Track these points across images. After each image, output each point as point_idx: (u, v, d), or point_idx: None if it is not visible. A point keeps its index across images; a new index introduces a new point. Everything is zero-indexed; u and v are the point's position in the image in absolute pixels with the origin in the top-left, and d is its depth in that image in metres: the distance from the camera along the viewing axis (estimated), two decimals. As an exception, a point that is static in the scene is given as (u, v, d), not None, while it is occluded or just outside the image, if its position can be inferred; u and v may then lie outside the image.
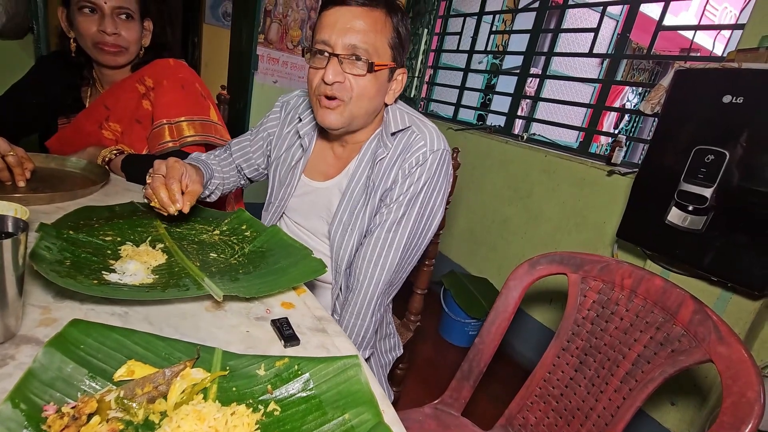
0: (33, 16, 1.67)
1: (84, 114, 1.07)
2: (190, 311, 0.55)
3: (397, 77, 0.81)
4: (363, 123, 0.82)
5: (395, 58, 0.78)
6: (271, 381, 0.44)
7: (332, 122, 0.78)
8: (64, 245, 0.58)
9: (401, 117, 0.82)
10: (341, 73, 0.74)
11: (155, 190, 0.70)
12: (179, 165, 0.73)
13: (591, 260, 0.86)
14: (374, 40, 0.73)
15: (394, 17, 0.76)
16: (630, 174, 1.61)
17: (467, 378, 0.94)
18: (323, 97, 0.76)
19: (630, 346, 0.79)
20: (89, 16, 0.96)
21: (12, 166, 0.79)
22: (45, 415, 0.34)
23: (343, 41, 0.72)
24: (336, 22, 0.72)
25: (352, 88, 0.75)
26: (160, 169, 0.72)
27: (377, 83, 0.76)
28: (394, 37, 0.76)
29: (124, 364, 0.41)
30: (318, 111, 0.79)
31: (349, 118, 0.78)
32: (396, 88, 0.82)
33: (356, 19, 0.72)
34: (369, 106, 0.78)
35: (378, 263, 0.80)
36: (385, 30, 0.74)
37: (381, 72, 0.76)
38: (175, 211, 0.70)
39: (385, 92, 0.80)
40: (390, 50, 0.76)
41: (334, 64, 0.73)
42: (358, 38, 0.72)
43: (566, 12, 2.26)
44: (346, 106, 0.76)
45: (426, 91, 3.05)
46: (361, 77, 0.74)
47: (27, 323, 0.46)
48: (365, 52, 0.73)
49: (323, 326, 0.59)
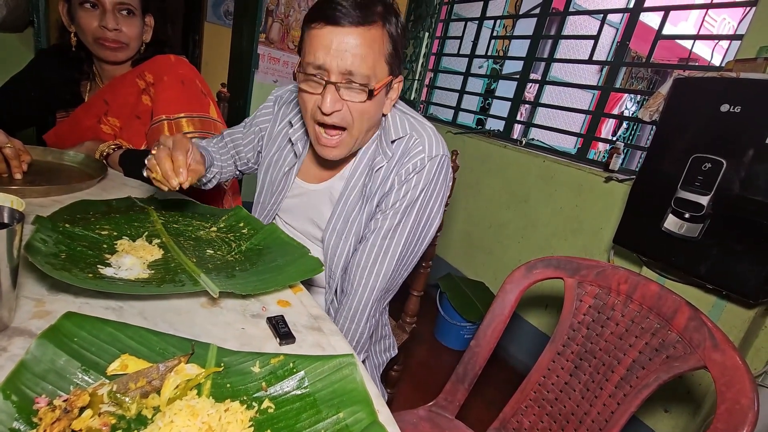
0: (33, 10, 1.66)
1: (83, 108, 1.06)
2: (185, 307, 0.55)
3: (393, 86, 0.77)
4: (363, 141, 0.79)
5: (392, 71, 0.73)
6: (266, 378, 0.44)
7: (335, 156, 0.76)
8: (60, 238, 0.58)
9: (401, 123, 0.79)
10: (339, 100, 0.69)
11: (159, 160, 0.65)
12: (186, 140, 0.69)
13: (587, 265, 0.86)
14: (372, 63, 0.68)
15: (389, 25, 0.69)
16: (627, 181, 1.61)
17: (462, 381, 0.94)
18: (322, 131, 0.73)
19: (625, 351, 0.79)
20: (90, 11, 0.95)
21: (9, 158, 0.79)
22: (36, 407, 0.34)
23: (339, 67, 0.66)
24: (329, 44, 0.66)
25: (351, 114, 0.71)
26: (167, 141, 0.68)
27: (377, 104, 0.73)
28: (391, 51, 0.71)
29: (117, 358, 0.41)
30: (317, 145, 0.76)
31: (350, 145, 0.75)
32: (393, 97, 0.78)
33: (352, 42, 0.66)
34: (369, 125, 0.75)
35: (373, 270, 0.79)
36: (382, 47, 0.69)
37: (380, 93, 0.72)
38: (176, 184, 0.65)
39: (383, 105, 0.76)
40: (387, 66, 0.71)
41: (331, 92, 0.68)
42: (355, 64, 0.66)
43: (567, 19, 2.27)
44: (349, 134, 0.73)
45: (426, 94, 3.05)
46: (360, 104, 0.70)
47: (20, 315, 0.46)
48: (364, 78, 0.68)
49: (319, 325, 0.59)
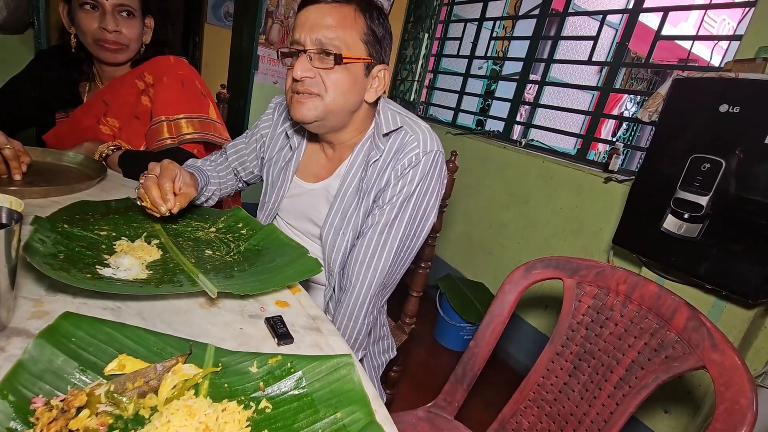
0: (34, 11, 1.67)
1: (82, 109, 1.07)
2: (183, 307, 0.55)
3: (377, 74, 0.79)
4: (342, 119, 0.80)
5: (370, 53, 0.77)
6: (264, 378, 0.44)
7: (304, 115, 0.76)
8: (59, 238, 0.58)
9: (393, 118, 0.81)
10: (310, 68, 0.74)
11: (147, 189, 0.69)
12: (173, 166, 0.73)
13: (586, 265, 0.86)
14: (343, 34, 0.73)
15: (366, 14, 0.75)
16: (627, 181, 1.61)
17: (461, 381, 0.94)
18: (295, 93, 0.76)
19: (624, 351, 0.78)
20: (90, 13, 0.96)
21: (8, 159, 0.79)
22: (33, 407, 0.34)
23: (311, 37, 0.72)
24: (306, 21, 0.73)
25: (324, 83, 0.74)
26: (154, 169, 0.72)
27: (351, 77, 0.75)
28: (368, 33, 0.75)
29: (115, 358, 0.41)
30: (291, 107, 0.78)
31: (323, 111, 0.76)
32: (377, 86, 0.80)
33: (325, 16, 0.72)
34: (345, 101, 0.77)
35: (371, 265, 0.80)
36: (355, 25, 0.74)
37: (354, 66, 0.75)
38: (165, 210, 0.69)
39: (363, 89, 0.79)
40: (363, 45, 0.75)
41: (302, 60, 0.73)
42: (325, 33, 0.72)
43: (566, 19, 2.27)
44: (320, 100, 0.75)
45: (426, 95, 3.06)
46: (330, 70, 0.74)
47: (19, 315, 0.46)
48: (333, 46, 0.73)
49: (317, 325, 0.59)
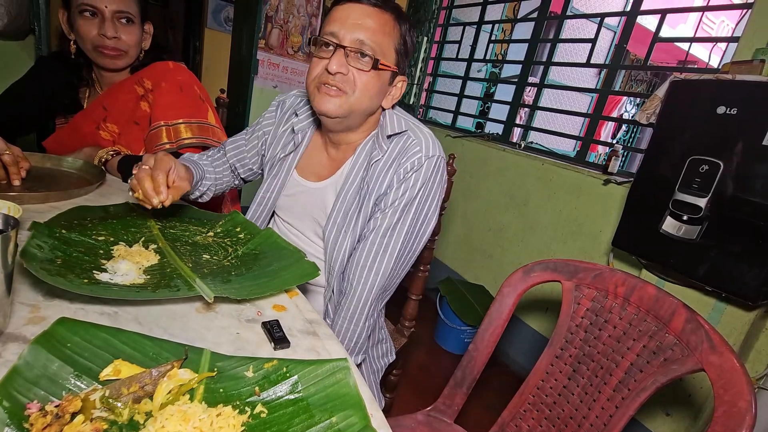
0: (35, 18, 1.68)
1: (82, 114, 1.07)
2: (180, 312, 0.55)
3: (397, 83, 0.82)
4: (359, 121, 0.82)
5: (398, 64, 0.80)
6: (259, 383, 0.44)
7: (330, 109, 0.77)
8: (56, 244, 0.58)
9: (398, 121, 0.83)
10: (345, 65, 0.74)
11: (140, 180, 0.68)
12: (168, 159, 0.72)
13: (585, 268, 0.86)
14: (381, 40, 0.75)
15: (402, 25, 0.78)
16: (626, 183, 1.61)
17: (460, 385, 0.94)
18: (324, 84, 0.76)
19: (623, 354, 0.78)
20: (90, 20, 0.96)
21: (7, 165, 0.79)
22: (28, 413, 0.34)
23: (351, 35, 0.73)
24: (347, 16, 0.74)
25: (355, 82, 0.76)
26: (148, 161, 0.71)
27: (379, 82, 0.78)
28: (401, 44, 0.78)
29: (110, 364, 0.41)
30: (316, 97, 0.78)
31: (348, 110, 0.77)
32: (395, 94, 0.83)
33: (367, 17, 0.74)
34: (369, 104, 0.79)
35: (372, 268, 0.80)
36: (393, 33, 0.76)
37: (384, 73, 0.78)
38: (157, 203, 0.68)
39: (384, 95, 0.81)
40: (395, 54, 0.78)
41: (339, 55, 0.74)
42: (366, 35, 0.73)
43: (564, 22, 2.27)
44: (347, 98, 0.77)
45: (425, 99, 3.06)
46: (364, 72, 0.75)
47: (15, 321, 0.46)
48: (371, 49, 0.74)
49: (314, 329, 0.59)
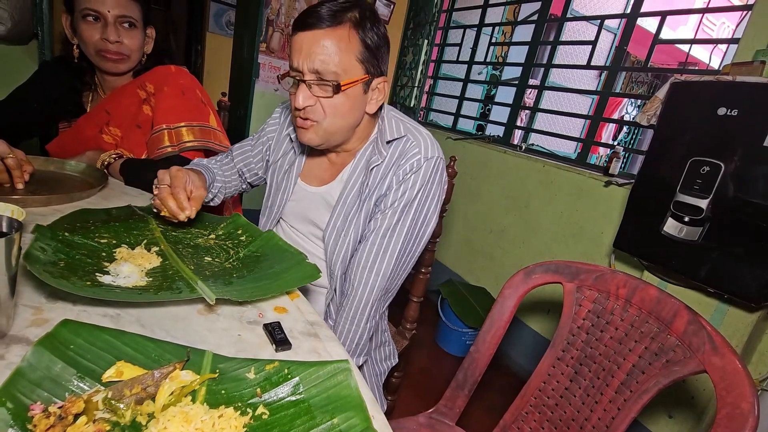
0: (38, 23, 1.69)
1: (85, 118, 1.08)
2: (182, 314, 0.55)
3: (376, 86, 0.80)
4: (344, 137, 0.83)
5: (368, 70, 0.76)
6: (261, 384, 0.44)
7: (309, 140, 0.80)
8: (59, 246, 0.58)
9: (396, 126, 0.83)
10: (311, 96, 0.75)
11: (163, 200, 0.72)
12: (182, 173, 0.75)
13: (586, 269, 0.86)
14: (339, 60, 0.72)
15: (360, 30, 0.73)
16: (627, 185, 1.61)
17: (462, 387, 0.94)
18: (297, 119, 0.79)
19: (625, 356, 0.78)
20: (92, 24, 0.97)
21: (11, 169, 0.80)
22: (31, 414, 0.34)
23: (308, 66, 0.73)
24: (301, 47, 0.73)
25: (324, 110, 0.76)
26: (165, 179, 0.75)
27: (349, 100, 0.77)
28: (362, 51, 0.74)
29: (113, 365, 0.41)
30: (297, 131, 0.82)
31: (324, 136, 0.79)
32: (377, 97, 0.81)
33: (319, 42, 0.71)
34: (345, 123, 0.79)
35: (373, 269, 0.81)
36: (350, 46, 0.73)
37: (352, 89, 0.76)
38: (185, 218, 0.72)
39: (363, 105, 0.80)
40: (360, 64, 0.75)
41: (303, 89, 0.75)
42: (321, 61, 0.72)
43: (564, 25, 2.28)
44: (319, 126, 0.78)
45: (426, 101, 3.07)
46: (329, 98, 0.75)
47: (19, 323, 0.46)
48: (331, 74, 0.73)
49: (315, 331, 0.59)
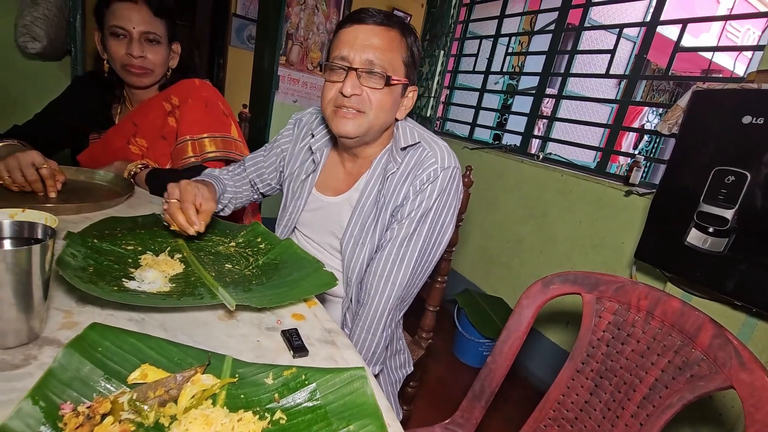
0: (71, 40, 1.78)
1: (113, 130, 1.13)
2: (203, 319, 0.57)
3: (408, 94, 0.85)
4: (375, 136, 0.85)
5: (408, 76, 0.82)
6: (279, 390, 0.45)
7: (349, 131, 0.80)
8: (89, 253, 0.61)
9: (411, 133, 0.85)
10: (359, 86, 0.77)
11: (172, 215, 0.74)
12: (191, 187, 0.76)
13: (606, 280, 0.85)
14: (390, 57, 0.78)
15: (408, 38, 0.80)
16: (648, 194, 1.58)
17: (479, 398, 0.92)
18: (339, 108, 0.79)
19: (647, 369, 0.76)
20: (119, 40, 1.02)
21: (45, 178, 0.84)
22: (62, 413, 0.36)
23: (361, 57, 0.76)
24: (355, 38, 0.77)
25: (370, 101, 0.79)
26: (174, 194, 0.75)
27: (392, 97, 0.80)
28: (408, 56, 0.81)
29: (138, 368, 0.43)
30: (333, 120, 0.81)
31: (366, 128, 0.81)
32: (407, 105, 0.86)
33: (374, 37, 0.76)
34: (385, 119, 0.82)
35: (389, 278, 0.81)
36: (400, 48, 0.79)
37: (395, 87, 0.80)
38: (194, 232, 0.74)
39: (397, 108, 0.84)
40: (404, 67, 0.81)
41: (352, 77, 0.77)
42: (375, 54, 0.76)
43: (582, 34, 2.27)
44: (365, 117, 0.80)
45: (442, 111, 3.08)
46: (378, 90, 0.78)
47: (50, 326, 0.49)
48: (382, 67, 0.77)
49: (332, 338, 0.60)
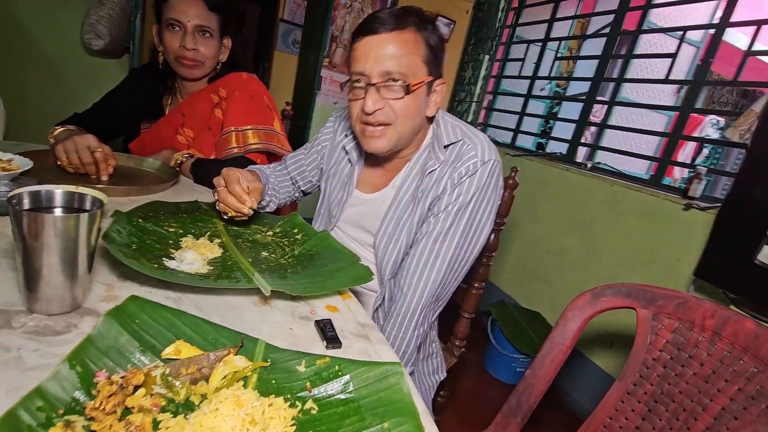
0: (131, 38, 1.89)
1: (164, 120, 1.17)
2: (237, 303, 0.56)
3: (435, 89, 0.80)
4: (408, 141, 0.82)
5: (431, 72, 0.77)
6: (311, 378, 0.43)
7: (380, 148, 0.78)
8: (133, 231, 0.62)
9: (453, 129, 0.81)
10: (380, 100, 0.74)
11: (224, 200, 0.74)
12: (233, 171, 0.77)
13: (665, 295, 0.77)
14: (408, 62, 0.73)
15: (424, 32, 0.75)
16: (711, 209, 1.45)
17: (515, 414, 0.86)
18: (366, 126, 0.77)
19: (712, 397, 0.68)
20: (174, 33, 1.06)
21: (98, 162, 0.88)
22: (96, 380, 0.35)
23: (378, 70, 0.72)
24: (368, 51, 0.73)
25: (395, 111, 0.75)
26: (219, 183, 0.76)
27: (417, 102, 0.77)
28: (427, 53, 0.75)
29: (172, 343, 0.42)
30: (363, 139, 0.80)
31: (396, 139, 0.78)
32: (436, 100, 0.81)
33: (387, 45, 0.72)
34: (413, 124, 0.79)
35: (423, 274, 0.78)
36: (417, 48, 0.74)
37: (419, 90, 0.76)
38: (248, 209, 0.73)
39: (425, 107, 0.80)
40: (425, 66, 0.76)
41: (372, 93, 0.74)
42: (391, 64, 0.72)
43: (639, 37, 2.15)
44: (393, 129, 0.77)
45: (484, 117, 3.02)
46: (400, 100, 0.74)
47: (92, 297, 0.49)
48: (401, 75, 0.73)
49: (366, 333, 0.57)
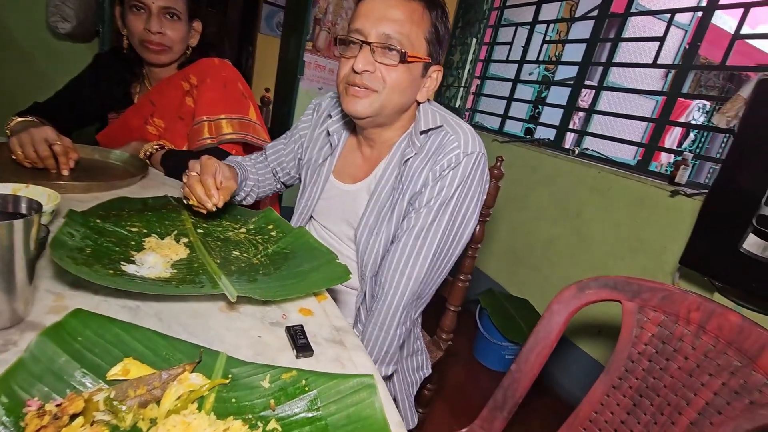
0: (100, 21, 1.79)
1: (132, 109, 1.10)
2: (202, 310, 0.52)
3: (431, 74, 0.77)
4: (391, 118, 0.78)
5: (431, 54, 0.74)
6: (275, 395, 0.40)
7: (359, 110, 0.73)
8: (88, 233, 0.58)
9: (432, 116, 0.77)
10: (372, 62, 0.70)
11: (191, 187, 0.71)
12: (212, 162, 0.73)
13: (650, 288, 0.76)
14: (409, 31, 0.70)
15: (432, 12, 0.72)
16: (697, 195, 1.44)
17: (501, 408, 0.85)
18: (351, 86, 0.72)
19: (696, 391, 0.67)
20: (138, 15, 0.99)
21: (58, 155, 0.82)
22: (26, 410, 0.32)
23: (377, 30, 0.69)
24: (371, 10, 0.70)
25: (384, 79, 0.71)
26: (195, 167, 0.73)
27: (410, 76, 0.73)
28: (432, 32, 0.72)
29: (120, 362, 0.38)
30: (344, 99, 0.75)
31: (378, 108, 0.73)
32: (430, 86, 0.78)
33: (392, 8, 0.69)
34: (400, 100, 0.75)
35: (405, 272, 0.75)
36: (422, 22, 0.71)
37: (414, 65, 0.72)
38: (212, 206, 0.70)
39: (417, 88, 0.76)
40: (426, 44, 0.72)
41: (365, 52, 0.70)
42: (392, 27, 0.69)
43: (628, 21, 2.11)
44: (377, 96, 0.72)
45: (472, 102, 2.97)
46: (392, 68, 0.71)
47: (37, 309, 0.45)
48: (399, 42, 0.69)
49: (341, 338, 0.54)
